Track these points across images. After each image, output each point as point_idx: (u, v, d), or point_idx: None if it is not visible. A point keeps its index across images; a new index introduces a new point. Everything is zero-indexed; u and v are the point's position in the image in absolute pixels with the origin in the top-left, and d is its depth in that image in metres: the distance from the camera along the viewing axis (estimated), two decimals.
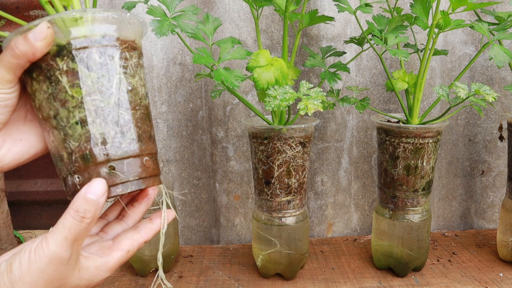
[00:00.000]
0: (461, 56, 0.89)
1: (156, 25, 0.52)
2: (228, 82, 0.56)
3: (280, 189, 0.68)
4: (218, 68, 0.58)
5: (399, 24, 0.68)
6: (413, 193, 0.70)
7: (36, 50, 0.35)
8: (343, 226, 0.94)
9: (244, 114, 0.87)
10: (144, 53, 0.84)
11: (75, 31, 0.36)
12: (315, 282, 0.73)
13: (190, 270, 0.78)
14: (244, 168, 0.89)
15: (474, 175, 0.94)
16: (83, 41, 0.36)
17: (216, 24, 0.64)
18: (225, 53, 0.61)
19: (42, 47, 0.35)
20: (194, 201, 0.93)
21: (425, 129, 0.66)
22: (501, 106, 0.90)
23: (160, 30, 0.52)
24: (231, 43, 0.62)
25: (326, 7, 0.82)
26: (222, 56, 0.60)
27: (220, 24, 0.64)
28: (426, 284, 0.71)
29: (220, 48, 0.61)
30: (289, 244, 0.70)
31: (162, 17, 0.54)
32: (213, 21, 0.64)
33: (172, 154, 0.90)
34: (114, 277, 0.76)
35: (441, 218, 0.97)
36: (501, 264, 0.78)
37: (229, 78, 0.56)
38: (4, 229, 0.86)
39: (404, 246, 0.71)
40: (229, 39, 0.62)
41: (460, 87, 0.61)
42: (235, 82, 0.56)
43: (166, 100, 0.87)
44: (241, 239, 0.93)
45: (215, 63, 0.58)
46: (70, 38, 0.36)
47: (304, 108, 0.53)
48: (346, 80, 0.87)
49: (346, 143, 0.90)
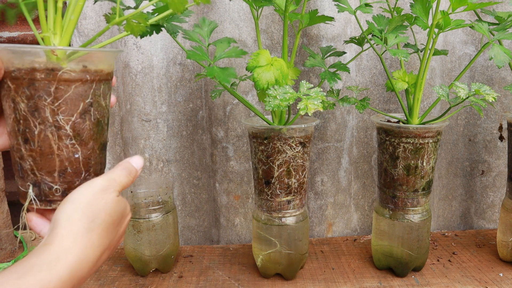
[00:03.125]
0: (461, 56, 0.89)
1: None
2: (220, 78, 0.56)
3: (280, 189, 0.68)
4: (213, 65, 0.58)
5: (399, 24, 0.68)
6: (413, 193, 0.70)
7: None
8: (343, 226, 0.94)
9: (244, 114, 0.87)
10: (144, 53, 0.84)
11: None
12: (315, 282, 0.73)
13: (190, 270, 0.78)
14: (244, 168, 0.89)
15: (474, 175, 0.94)
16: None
17: (212, 27, 0.64)
18: (221, 52, 0.61)
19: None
20: (194, 201, 0.93)
21: (425, 129, 0.66)
22: (501, 106, 0.90)
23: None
24: (227, 42, 0.62)
25: (326, 7, 0.82)
26: (217, 55, 0.60)
27: (216, 26, 0.65)
28: (426, 284, 0.71)
29: (216, 47, 0.62)
30: (289, 244, 0.70)
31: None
32: (209, 24, 0.64)
33: (172, 154, 0.90)
34: (114, 277, 0.76)
35: (441, 218, 0.97)
36: (501, 264, 0.78)
37: (222, 75, 0.56)
38: (4, 229, 0.86)
39: (404, 246, 0.71)
40: (225, 39, 0.63)
41: (460, 87, 0.61)
42: (228, 78, 0.56)
43: (166, 100, 0.87)
44: (241, 239, 0.93)
45: (209, 60, 0.59)
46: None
47: (304, 108, 0.53)
48: (346, 80, 0.87)
49: (346, 143, 0.90)
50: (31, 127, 0.39)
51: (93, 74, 0.41)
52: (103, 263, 0.44)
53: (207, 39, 0.63)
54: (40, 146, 0.40)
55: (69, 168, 0.41)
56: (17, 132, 0.40)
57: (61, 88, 0.39)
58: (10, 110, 0.40)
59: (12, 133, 0.40)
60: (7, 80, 0.39)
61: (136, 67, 0.84)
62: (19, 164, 0.41)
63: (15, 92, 0.39)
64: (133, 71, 0.84)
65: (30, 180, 0.41)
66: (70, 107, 0.40)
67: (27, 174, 0.41)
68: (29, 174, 0.40)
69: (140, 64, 0.84)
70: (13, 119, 0.40)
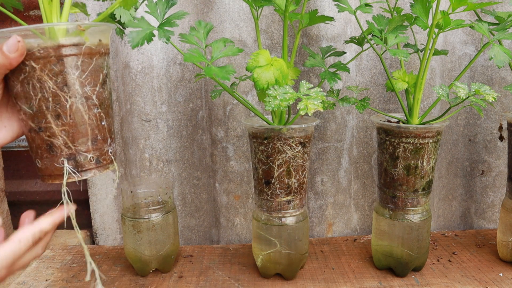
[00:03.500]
0: (461, 56, 0.89)
1: (133, 36, 0.52)
2: (219, 76, 0.56)
3: (280, 189, 0.68)
4: (211, 65, 0.58)
5: (399, 24, 0.68)
6: (413, 193, 0.70)
7: (12, 60, 0.39)
8: (343, 226, 0.94)
9: (244, 114, 0.87)
10: (144, 53, 0.84)
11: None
12: (315, 282, 0.73)
13: (190, 270, 0.78)
14: (244, 168, 0.89)
15: (474, 175, 0.94)
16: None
17: (208, 29, 0.64)
18: (217, 52, 0.61)
19: (16, 58, 0.39)
20: (194, 201, 0.93)
21: (425, 129, 0.66)
22: (501, 106, 0.90)
23: (137, 41, 0.52)
24: (223, 42, 0.62)
25: (326, 7, 0.82)
26: (214, 55, 0.60)
27: (212, 28, 0.65)
28: (426, 284, 0.71)
29: (212, 48, 0.62)
30: (289, 244, 0.70)
31: (144, 27, 0.54)
32: (205, 26, 0.64)
33: (172, 154, 0.90)
34: (114, 277, 0.76)
35: (441, 218, 0.97)
36: (501, 264, 0.78)
37: (220, 73, 0.56)
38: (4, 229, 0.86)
39: (404, 246, 0.71)
40: (221, 39, 0.63)
41: (460, 87, 0.61)
42: (226, 75, 0.56)
43: (166, 100, 0.87)
44: (241, 239, 0.93)
45: (207, 61, 0.59)
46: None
47: (304, 108, 0.53)
48: (346, 80, 0.87)
49: (346, 143, 0.90)
50: (62, 102, 0.41)
51: (105, 47, 0.45)
52: None
53: (204, 40, 0.63)
54: (73, 118, 0.42)
55: (99, 136, 0.44)
56: (46, 111, 0.41)
57: (86, 61, 0.42)
58: (34, 91, 0.41)
59: (38, 115, 0.42)
60: (30, 62, 0.40)
61: (136, 67, 0.84)
62: (49, 143, 0.42)
63: (41, 71, 0.40)
64: (133, 71, 0.84)
65: (64, 154, 0.42)
66: (94, 78, 0.43)
67: (60, 150, 0.42)
68: (62, 149, 0.42)
69: (140, 64, 0.84)
70: (39, 99, 0.41)
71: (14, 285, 0.74)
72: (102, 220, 0.96)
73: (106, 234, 0.96)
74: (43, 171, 0.44)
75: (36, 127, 0.42)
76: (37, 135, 0.42)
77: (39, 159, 0.43)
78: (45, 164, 0.43)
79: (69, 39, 0.41)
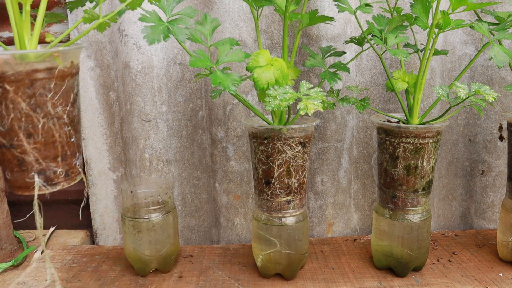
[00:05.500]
0: (461, 56, 0.89)
1: (148, 32, 0.52)
2: (224, 86, 0.56)
3: (280, 189, 0.68)
4: (216, 71, 0.58)
5: (399, 24, 0.68)
6: (413, 193, 0.70)
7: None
8: (343, 226, 0.94)
9: (244, 114, 0.87)
10: (144, 53, 0.84)
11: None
12: (315, 282, 0.73)
13: (190, 270, 0.78)
14: (244, 168, 0.89)
15: (474, 175, 0.94)
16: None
17: (214, 25, 0.63)
18: (223, 56, 0.60)
19: None
20: (194, 201, 0.93)
21: (425, 129, 0.66)
22: (501, 106, 0.90)
23: (153, 37, 0.52)
24: (230, 44, 0.62)
25: (326, 7, 0.82)
26: (220, 59, 0.60)
27: (219, 25, 0.64)
28: (426, 284, 0.72)
29: (218, 50, 0.61)
30: (289, 244, 0.70)
31: (156, 22, 0.54)
32: (212, 21, 0.63)
33: (172, 154, 0.90)
34: (114, 277, 0.76)
35: (441, 218, 0.97)
36: (501, 264, 0.78)
37: (226, 82, 0.56)
38: (4, 229, 0.86)
39: (404, 246, 0.71)
40: (227, 40, 0.62)
41: (460, 87, 0.61)
42: (232, 86, 0.56)
43: (166, 100, 0.87)
44: (241, 239, 0.93)
45: (213, 65, 0.58)
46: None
47: (304, 108, 0.53)
48: (346, 80, 0.87)
49: (346, 143, 0.90)
50: (35, 122, 0.43)
51: (76, 67, 0.47)
52: None
53: (209, 38, 0.63)
54: (44, 137, 0.44)
55: (68, 151, 0.46)
56: (18, 130, 0.43)
57: (58, 84, 0.44)
58: (7, 111, 0.42)
59: (10, 133, 0.43)
60: (4, 84, 0.41)
61: (136, 67, 0.84)
62: (20, 159, 0.44)
63: (14, 93, 0.41)
64: (133, 71, 0.84)
65: (35, 170, 0.44)
66: (65, 98, 0.45)
67: (31, 166, 0.44)
68: (33, 165, 0.44)
69: (140, 64, 0.84)
70: (12, 119, 0.42)
71: (14, 285, 0.74)
72: (102, 220, 0.96)
73: (106, 234, 0.96)
74: (13, 182, 0.46)
75: (8, 144, 0.44)
76: (8, 151, 0.44)
77: (9, 172, 0.45)
78: (15, 177, 0.45)
79: (43, 64, 0.42)
